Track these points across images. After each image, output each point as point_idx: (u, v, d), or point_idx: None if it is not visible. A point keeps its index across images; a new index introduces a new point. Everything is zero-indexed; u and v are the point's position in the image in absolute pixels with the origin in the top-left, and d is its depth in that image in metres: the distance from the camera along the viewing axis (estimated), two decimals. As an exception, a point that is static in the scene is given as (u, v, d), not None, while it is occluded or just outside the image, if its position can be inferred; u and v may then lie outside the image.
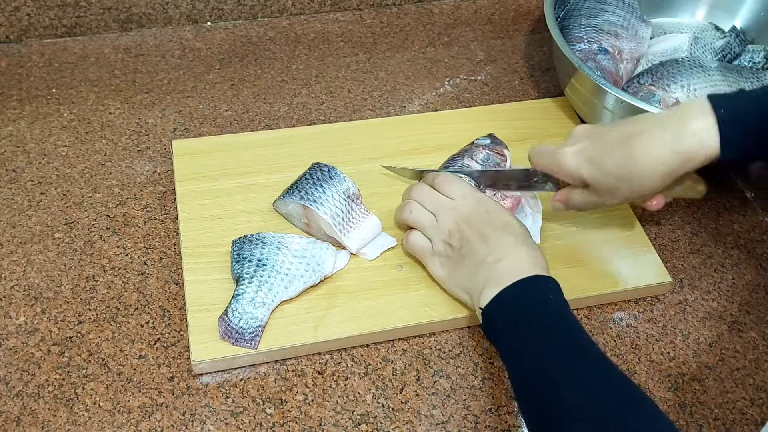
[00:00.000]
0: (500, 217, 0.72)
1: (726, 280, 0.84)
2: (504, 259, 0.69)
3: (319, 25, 1.09)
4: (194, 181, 0.84)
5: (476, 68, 1.05)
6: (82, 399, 0.68)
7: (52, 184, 0.85)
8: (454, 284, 0.73)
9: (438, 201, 0.75)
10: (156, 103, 0.96)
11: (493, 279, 0.68)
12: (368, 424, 0.69)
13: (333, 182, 0.79)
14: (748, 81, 0.92)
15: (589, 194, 0.74)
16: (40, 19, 0.99)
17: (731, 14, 1.06)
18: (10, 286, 0.76)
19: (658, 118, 0.70)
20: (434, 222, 0.74)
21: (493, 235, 0.71)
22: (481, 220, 0.72)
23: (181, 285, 0.77)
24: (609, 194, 0.72)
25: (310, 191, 0.78)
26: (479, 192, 0.76)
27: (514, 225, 0.72)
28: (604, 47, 0.94)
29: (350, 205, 0.78)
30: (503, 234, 0.71)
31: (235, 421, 0.68)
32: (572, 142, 0.74)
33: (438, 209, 0.74)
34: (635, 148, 0.69)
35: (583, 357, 0.62)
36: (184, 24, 1.06)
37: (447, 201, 0.75)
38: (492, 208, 0.73)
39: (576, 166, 0.72)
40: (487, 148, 0.84)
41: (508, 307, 0.66)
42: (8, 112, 0.92)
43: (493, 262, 0.69)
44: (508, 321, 0.65)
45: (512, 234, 0.71)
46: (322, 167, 0.80)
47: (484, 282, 0.68)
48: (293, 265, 0.74)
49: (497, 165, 0.82)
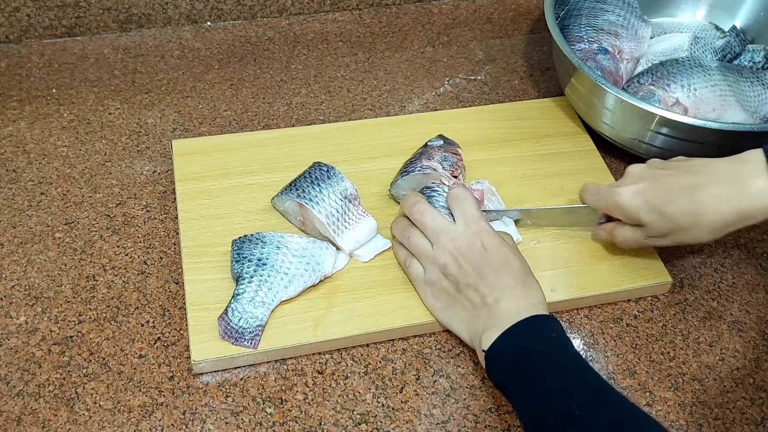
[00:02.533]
0: (499, 255, 0.71)
1: (726, 280, 0.84)
2: (502, 300, 0.68)
3: (318, 25, 1.09)
4: (194, 180, 0.84)
5: (476, 68, 1.05)
6: (83, 398, 0.68)
7: (52, 184, 0.85)
8: (448, 318, 0.73)
9: (437, 232, 0.73)
10: (155, 103, 0.96)
11: (492, 320, 0.67)
12: (368, 424, 0.69)
13: (330, 182, 0.79)
14: (748, 81, 0.92)
15: (641, 233, 0.74)
16: (40, 20, 1.00)
17: (731, 14, 1.06)
18: (11, 286, 0.76)
19: (721, 170, 0.69)
20: (431, 251, 0.73)
21: (491, 274, 0.70)
22: (480, 257, 0.71)
23: (181, 284, 0.77)
24: (663, 237, 0.73)
25: (307, 189, 0.78)
26: (482, 221, 0.73)
27: (513, 263, 0.71)
28: (604, 47, 0.94)
29: (347, 205, 0.78)
30: (502, 275, 0.70)
31: (235, 421, 0.68)
32: (629, 181, 0.74)
33: (437, 237, 0.73)
34: (700, 201, 0.69)
35: (594, 392, 0.62)
36: (183, 24, 1.06)
37: (447, 227, 0.73)
38: (490, 243, 0.71)
39: (635, 207, 0.72)
40: (442, 149, 0.84)
41: (511, 347, 0.65)
42: (8, 113, 0.92)
43: (492, 303, 0.68)
44: (513, 360, 0.65)
45: (510, 274, 0.70)
46: (321, 166, 0.80)
47: (484, 324, 0.68)
48: (293, 265, 0.74)
49: (454, 164, 0.82)
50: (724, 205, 0.68)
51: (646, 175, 0.73)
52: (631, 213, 0.73)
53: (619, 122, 0.87)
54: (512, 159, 0.90)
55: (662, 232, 0.72)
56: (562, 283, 0.79)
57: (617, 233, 0.76)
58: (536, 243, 0.82)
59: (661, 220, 0.71)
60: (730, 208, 0.68)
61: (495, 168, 0.88)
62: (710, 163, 0.71)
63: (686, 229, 0.70)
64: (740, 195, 0.67)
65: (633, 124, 0.86)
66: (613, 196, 0.74)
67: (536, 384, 0.63)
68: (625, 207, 0.73)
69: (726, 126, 0.81)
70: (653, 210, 0.71)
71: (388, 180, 0.85)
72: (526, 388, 0.63)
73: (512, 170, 0.88)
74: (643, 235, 0.74)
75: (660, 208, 0.71)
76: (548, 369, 0.64)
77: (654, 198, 0.71)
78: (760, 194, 0.67)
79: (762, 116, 0.92)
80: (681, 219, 0.70)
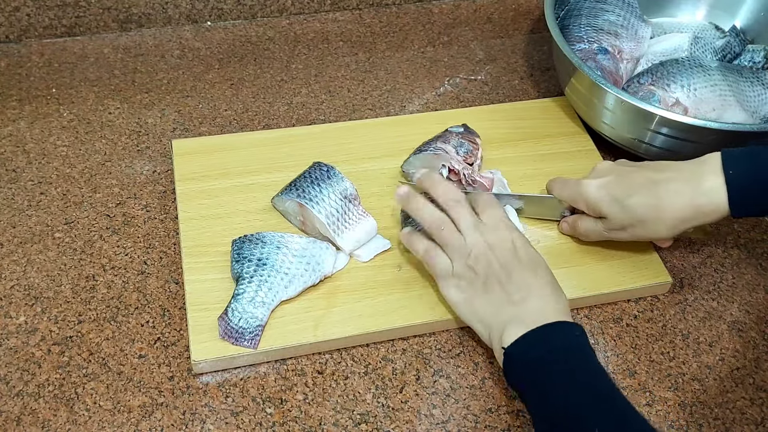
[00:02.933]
0: (528, 256, 0.70)
1: (726, 280, 0.84)
2: (529, 300, 0.68)
3: (319, 25, 1.09)
4: (194, 180, 0.84)
5: (476, 68, 1.05)
6: (83, 398, 0.68)
7: (52, 184, 0.85)
8: (471, 312, 0.71)
9: (471, 226, 0.71)
10: (155, 102, 0.96)
11: (518, 318, 0.66)
12: (368, 424, 0.69)
13: (331, 182, 0.79)
14: (748, 81, 0.92)
15: (601, 226, 0.77)
16: (40, 19, 0.99)
17: (731, 14, 1.06)
18: (10, 286, 0.76)
19: (681, 169, 0.73)
20: (463, 243, 0.71)
21: (518, 271, 0.69)
22: (509, 253, 0.70)
23: (181, 284, 0.77)
24: (622, 230, 0.75)
25: (307, 189, 0.78)
26: (510, 221, 0.74)
27: (542, 266, 0.71)
28: (604, 47, 0.94)
29: (347, 205, 0.78)
30: (530, 275, 0.69)
31: (235, 421, 0.68)
32: (594, 175, 0.77)
33: (468, 232, 0.71)
34: (659, 196, 0.72)
35: (610, 401, 0.61)
36: (183, 24, 1.06)
37: (481, 224, 0.72)
38: (520, 243, 0.71)
39: (598, 198, 0.75)
40: (460, 135, 0.85)
41: (533, 348, 0.65)
42: (8, 112, 0.92)
43: (519, 301, 0.68)
44: (534, 361, 0.64)
45: (538, 275, 0.69)
46: (321, 166, 0.80)
47: (507, 320, 0.67)
48: (293, 265, 0.74)
49: (470, 152, 0.83)
50: (680, 198, 0.71)
51: (612, 171, 0.77)
52: (593, 204, 0.76)
53: (619, 122, 0.87)
54: (512, 159, 0.90)
55: (622, 224, 0.75)
56: (562, 283, 0.78)
57: (579, 224, 0.79)
58: (537, 243, 0.82)
59: (621, 212, 0.74)
60: (685, 203, 0.71)
61: (495, 168, 0.88)
62: (674, 163, 0.74)
63: (644, 222, 0.73)
64: (694, 191, 0.71)
65: (633, 124, 0.86)
66: (578, 188, 0.77)
67: (555, 391, 0.62)
68: (588, 198, 0.76)
69: (726, 126, 0.81)
70: (615, 202, 0.74)
71: (389, 180, 0.85)
72: (543, 392, 0.63)
73: (512, 170, 0.88)
74: (604, 227, 0.76)
75: (621, 200, 0.74)
76: (569, 378, 0.63)
77: (617, 191, 0.74)
78: (711, 192, 0.70)
79: (762, 116, 0.92)
80: (640, 211, 0.73)
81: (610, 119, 0.88)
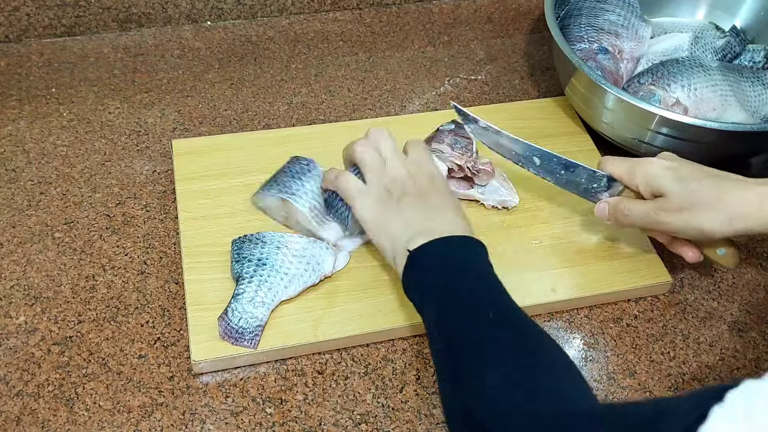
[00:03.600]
0: (445, 187, 0.74)
1: (726, 280, 0.84)
2: (439, 220, 0.70)
3: (319, 25, 1.09)
4: (194, 180, 0.83)
5: (476, 67, 1.05)
6: (82, 398, 0.68)
7: (52, 184, 0.85)
8: (380, 228, 0.72)
9: (393, 150, 0.75)
10: (155, 102, 0.96)
11: (428, 231, 0.68)
12: (368, 424, 0.69)
13: (312, 175, 0.79)
14: (749, 81, 0.92)
15: (652, 206, 0.72)
16: (40, 19, 0.99)
17: (731, 14, 1.05)
18: (10, 286, 0.76)
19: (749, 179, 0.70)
20: (382, 166, 0.74)
21: (434, 197, 0.72)
22: (427, 181, 0.73)
23: (181, 284, 0.77)
24: (676, 212, 0.71)
25: (288, 184, 0.78)
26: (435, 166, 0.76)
27: (455, 198, 0.74)
28: (604, 47, 0.93)
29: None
30: (443, 201, 0.72)
31: (235, 421, 0.68)
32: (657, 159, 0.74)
33: (390, 157, 0.74)
34: (727, 187, 0.69)
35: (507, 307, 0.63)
36: (183, 23, 1.06)
37: (402, 156, 0.75)
38: (440, 177, 0.75)
39: (662, 174, 0.71)
40: (453, 132, 0.84)
41: (436, 252, 0.67)
42: (8, 112, 0.92)
43: (430, 219, 0.70)
44: (435, 262, 0.66)
45: (451, 204, 0.72)
46: (300, 160, 0.80)
47: (416, 232, 0.68)
48: (293, 265, 0.74)
49: (464, 146, 0.83)
50: (746, 194, 0.68)
51: (677, 159, 0.74)
52: (655, 179, 0.72)
53: (619, 122, 0.87)
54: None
55: (680, 205, 0.70)
56: (562, 283, 0.79)
57: (623, 205, 0.74)
58: (537, 243, 0.82)
59: (683, 192, 0.70)
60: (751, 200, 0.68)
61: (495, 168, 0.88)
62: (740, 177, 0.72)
63: (704, 207, 0.69)
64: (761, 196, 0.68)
65: (633, 124, 0.86)
66: (638, 163, 0.74)
67: (455, 288, 0.64)
68: (650, 173, 0.72)
69: (726, 126, 0.81)
70: (680, 180, 0.71)
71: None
72: (443, 287, 0.64)
73: (512, 170, 0.88)
74: (656, 207, 0.72)
75: (687, 181, 0.70)
76: (471, 279, 0.65)
77: (683, 172, 0.71)
78: None
79: (762, 116, 0.92)
80: (704, 195, 0.69)
81: (610, 119, 0.88)
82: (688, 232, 0.72)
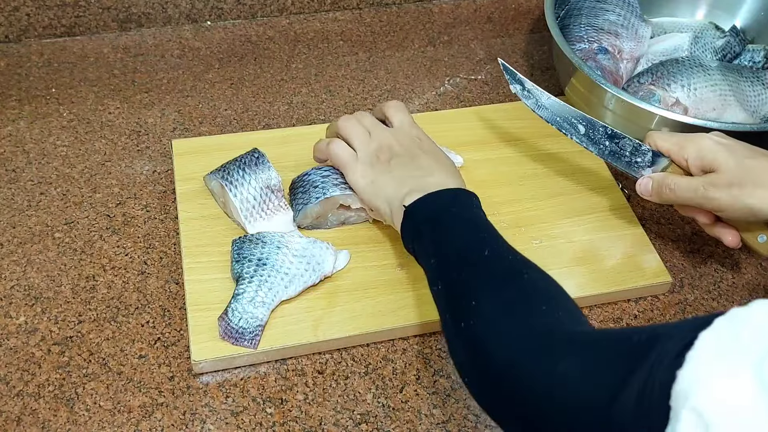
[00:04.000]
0: (431, 147, 0.76)
1: (726, 280, 0.84)
2: (431, 176, 0.71)
3: (319, 24, 1.09)
4: (194, 180, 0.83)
5: (476, 67, 1.05)
6: (83, 399, 0.68)
7: (52, 184, 0.85)
8: (374, 193, 0.74)
9: (376, 124, 0.78)
10: (155, 102, 0.96)
11: (420, 187, 0.69)
12: (368, 424, 0.69)
13: (256, 168, 0.79)
14: (749, 81, 0.92)
15: (701, 181, 0.71)
16: (40, 19, 0.99)
17: (731, 14, 1.06)
18: (10, 286, 0.76)
19: None
20: (367, 135, 0.76)
21: (422, 157, 0.74)
22: (413, 143, 0.76)
23: (181, 284, 0.77)
24: (726, 188, 0.69)
25: (231, 172, 0.79)
26: (419, 127, 0.78)
27: (443, 155, 0.76)
28: (604, 47, 0.94)
29: (268, 195, 0.78)
30: (432, 159, 0.74)
31: (235, 421, 0.68)
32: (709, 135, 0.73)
33: (374, 128, 0.77)
34: None
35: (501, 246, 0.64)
36: (183, 23, 1.06)
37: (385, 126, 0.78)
38: (425, 139, 0.77)
39: (714, 148, 0.71)
40: None
41: (432, 204, 0.68)
42: (7, 112, 0.92)
43: (420, 176, 0.72)
44: (433, 213, 0.67)
45: (440, 161, 0.74)
46: (253, 152, 0.81)
47: (409, 190, 0.70)
48: (293, 265, 0.74)
49: None
50: None
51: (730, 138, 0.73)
52: (708, 152, 0.71)
53: (619, 122, 0.87)
54: (512, 159, 0.90)
55: (731, 180, 0.69)
56: (562, 283, 0.78)
57: (670, 179, 0.73)
58: (537, 243, 0.82)
59: (736, 167, 0.69)
60: None
61: (495, 168, 0.88)
62: None
63: (756, 184, 0.68)
64: None
65: (633, 124, 0.86)
66: (689, 137, 0.73)
67: (451, 231, 0.66)
68: (703, 146, 0.71)
69: (726, 126, 0.81)
70: (733, 155, 0.70)
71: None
72: (440, 235, 0.66)
73: (512, 170, 0.88)
74: (706, 182, 0.70)
75: (741, 157, 0.70)
76: (466, 223, 0.67)
77: (737, 148, 0.70)
78: None
79: (762, 116, 0.92)
80: (757, 171, 0.69)
81: (610, 119, 0.88)
82: (735, 210, 0.70)
